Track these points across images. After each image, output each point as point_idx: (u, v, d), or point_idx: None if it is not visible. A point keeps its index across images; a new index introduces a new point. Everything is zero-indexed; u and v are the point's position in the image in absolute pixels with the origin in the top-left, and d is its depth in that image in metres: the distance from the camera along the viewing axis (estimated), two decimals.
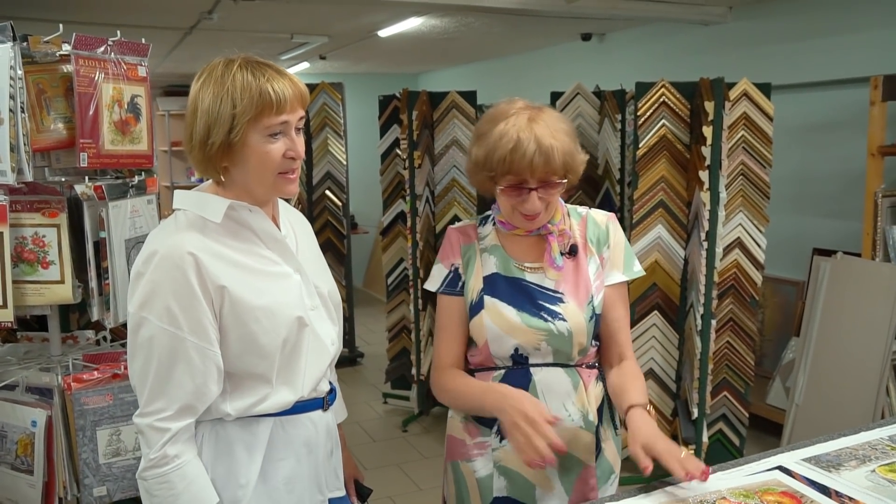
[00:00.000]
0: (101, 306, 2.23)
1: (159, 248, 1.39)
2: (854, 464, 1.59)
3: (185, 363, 1.38)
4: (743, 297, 3.60)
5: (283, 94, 1.38)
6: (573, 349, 1.66)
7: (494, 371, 1.70)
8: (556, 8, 4.20)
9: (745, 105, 3.47)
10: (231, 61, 1.41)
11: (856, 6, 3.91)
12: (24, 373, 2.25)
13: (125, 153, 2.27)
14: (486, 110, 1.72)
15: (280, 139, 1.41)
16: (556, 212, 1.70)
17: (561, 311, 1.65)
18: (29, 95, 2.07)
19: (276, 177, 1.44)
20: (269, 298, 1.45)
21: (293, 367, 1.49)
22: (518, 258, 1.71)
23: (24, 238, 2.14)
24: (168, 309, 1.36)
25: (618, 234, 1.74)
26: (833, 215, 4.19)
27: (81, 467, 2.17)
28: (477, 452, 1.73)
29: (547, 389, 1.66)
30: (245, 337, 1.43)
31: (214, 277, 1.39)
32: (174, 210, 1.48)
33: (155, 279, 1.37)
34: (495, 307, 1.67)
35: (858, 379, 3.34)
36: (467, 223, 1.82)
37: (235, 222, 1.47)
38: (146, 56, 2.35)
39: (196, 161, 1.44)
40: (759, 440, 4.00)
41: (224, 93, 1.37)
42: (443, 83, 7.81)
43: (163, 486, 1.39)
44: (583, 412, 1.68)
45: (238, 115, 1.36)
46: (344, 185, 5.62)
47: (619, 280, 1.73)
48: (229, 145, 1.39)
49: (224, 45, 5.81)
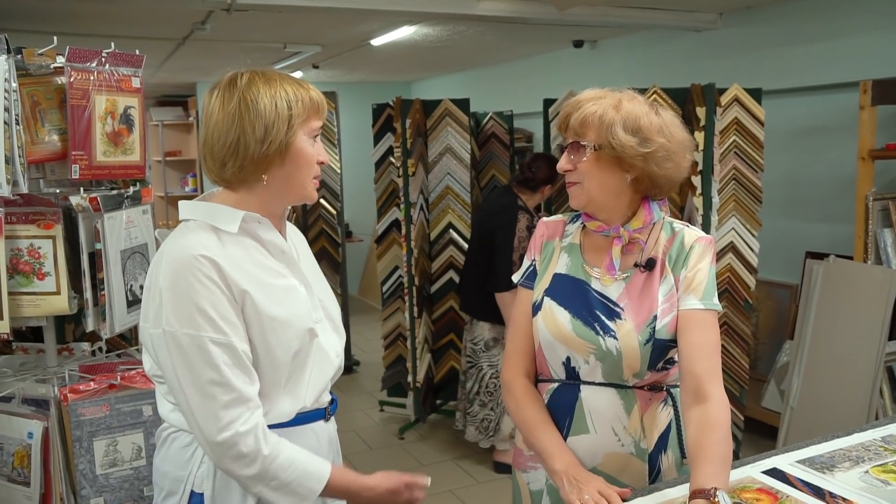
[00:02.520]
0: (96, 317, 2.23)
1: (176, 259, 1.37)
2: (848, 465, 1.60)
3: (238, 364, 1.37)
4: (737, 300, 3.62)
5: (322, 102, 1.49)
6: (625, 371, 1.56)
7: (549, 384, 1.66)
8: (548, 16, 4.22)
9: (737, 110, 3.50)
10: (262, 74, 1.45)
11: (845, 12, 3.94)
12: (21, 384, 2.25)
13: (117, 164, 2.28)
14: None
15: (315, 143, 1.48)
16: (637, 217, 1.60)
17: (614, 328, 1.56)
18: (23, 108, 2.08)
19: (311, 181, 1.49)
20: (283, 309, 1.44)
21: (298, 378, 1.49)
22: (590, 260, 1.64)
23: (20, 250, 2.15)
24: (207, 316, 1.35)
25: (703, 260, 1.58)
26: (825, 219, 4.21)
27: (78, 478, 2.17)
28: (531, 465, 1.71)
29: (594, 410, 1.59)
30: (262, 344, 1.42)
31: (236, 282, 1.38)
32: (182, 221, 1.47)
33: (179, 289, 1.35)
34: (551, 310, 1.61)
35: (852, 381, 3.36)
36: (558, 218, 1.75)
37: (246, 233, 1.46)
38: (140, 67, 2.36)
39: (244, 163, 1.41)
40: (754, 443, 4.01)
41: (278, 97, 1.41)
42: (436, 91, 7.84)
43: (276, 483, 1.39)
44: (635, 438, 1.59)
45: (294, 116, 1.42)
46: (338, 193, 5.63)
47: (694, 307, 1.55)
48: (287, 145, 1.42)
49: (217, 55, 5.85)
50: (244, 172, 1.43)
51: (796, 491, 1.48)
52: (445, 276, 4.42)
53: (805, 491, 1.49)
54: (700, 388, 1.49)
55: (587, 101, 1.56)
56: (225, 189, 1.49)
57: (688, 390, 1.51)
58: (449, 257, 4.39)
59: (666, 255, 1.60)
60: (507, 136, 4.70)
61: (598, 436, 1.60)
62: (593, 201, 1.59)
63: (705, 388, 1.48)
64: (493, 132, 4.66)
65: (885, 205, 3.40)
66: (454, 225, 4.36)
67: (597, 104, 1.54)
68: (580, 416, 1.60)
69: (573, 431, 1.61)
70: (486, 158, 4.68)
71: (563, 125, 1.60)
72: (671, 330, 1.56)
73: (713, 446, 1.43)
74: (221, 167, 1.43)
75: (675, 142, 1.56)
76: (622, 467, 1.60)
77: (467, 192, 4.31)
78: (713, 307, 1.55)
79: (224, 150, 1.41)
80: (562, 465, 1.53)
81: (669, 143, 1.54)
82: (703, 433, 1.45)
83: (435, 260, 4.45)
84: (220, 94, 1.43)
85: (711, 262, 1.60)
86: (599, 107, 1.54)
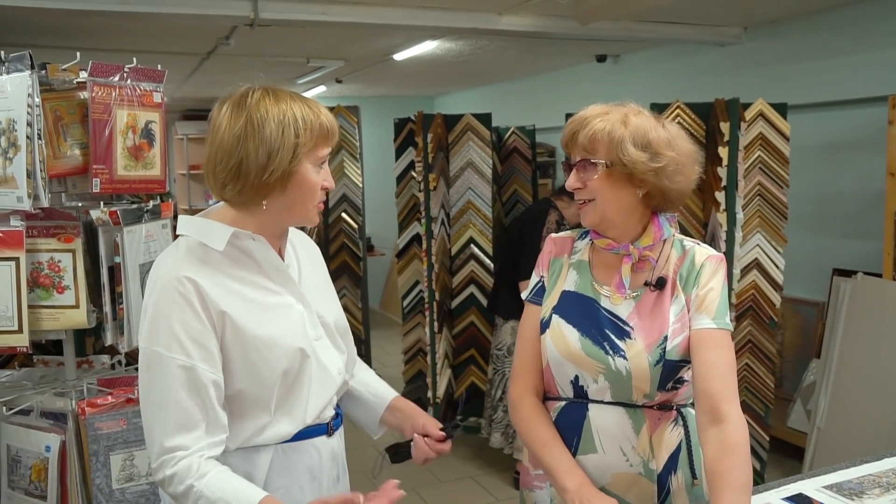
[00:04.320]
0: (115, 331, 2.23)
1: (160, 277, 1.39)
2: (878, 492, 1.55)
3: (197, 391, 1.36)
4: (762, 318, 3.55)
5: (333, 126, 1.45)
6: (634, 392, 1.54)
7: (557, 402, 1.63)
8: (570, 30, 4.21)
9: (761, 125, 3.45)
10: (273, 91, 1.41)
11: (871, 25, 3.89)
12: (39, 397, 2.25)
13: (138, 178, 2.28)
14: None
15: (321, 170, 1.45)
16: (647, 235, 1.58)
17: (624, 348, 1.53)
18: (46, 122, 2.09)
19: (313, 206, 1.47)
20: (269, 329, 1.43)
21: (294, 397, 1.47)
22: (599, 278, 1.62)
23: (40, 263, 2.15)
24: (176, 337, 1.35)
25: (715, 279, 1.55)
26: (852, 235, 4.13)
27: (95, 493, 2.16)
28: (537, 484, 1.69)
29: (602, 430, 1.57)
30: (244, 366, 1.41)
31: (215, 302, 1.38)
32: (177, 236, 1.48)
33: (158, 308, 1.37)
34: (559, 328, 1.59)
35: (881, 401, 3.28)
36: (567, 234, 1.74)
37: (238, 250, 1.46)
38: (161, 82, 2.37)
39: (244, 188, 1.40)
40: (780, 464, 3.94)
41: (286, 122, 1.38)
42: (458, 106, 7.84)
43: None
44: (643, 458, 1.56)
45: (300, 145, 1.38)
46: (360, 207, 5.62)
47: (706, 326, 1.52)
48: (290, 174, 1.40)
49: (241, 69, 5.91)
50: (244, 196, 1.42)
51: None
52: (466, 290, 4.38)
53: None
54: (716, 408, 1.45)
55: (594, 117, 1.54)
56: (225, 205, 1.48)
57: (704, 411, 1.47)
58: (470, 272, 4.37)
59: (677, 273, 1.58)
60: (529, 150, 4.68)
61: (606, 455, 1.57)
62: (606, 219, 1.57)
63: (722, 409, 1.44)
64: (515, 147, 4.64)
65: None
66: (475, 240, 4.33)
67: (604, 120, 1.52)
68: (588, 435, 1.58)
69: (581, 451, 1.59)
70: (508, 173, 4.66)
71: (570, 142, 1.58)
72: (682, 351, 1.53)
73: (733, 471, 1.39)
74: (222, 188, 1.42)
75: (684, 154, 1.55)
76: (630, 487, 1.57)
77: (489, 207, 4.29)
78: (725, 326, 1.53)
79: (225, 173, 1.40)
80: (573, 484, 1.50)
81: (679, 157, 1.53)
82: (723, 457, 1.41)
83: (456, 275, 4.43)
84: (228, 111, 1.41)
85: (723, 280, 1.57)
86: (607, 123, 1.52)
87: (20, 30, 4.12)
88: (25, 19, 3.80)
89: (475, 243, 4.34)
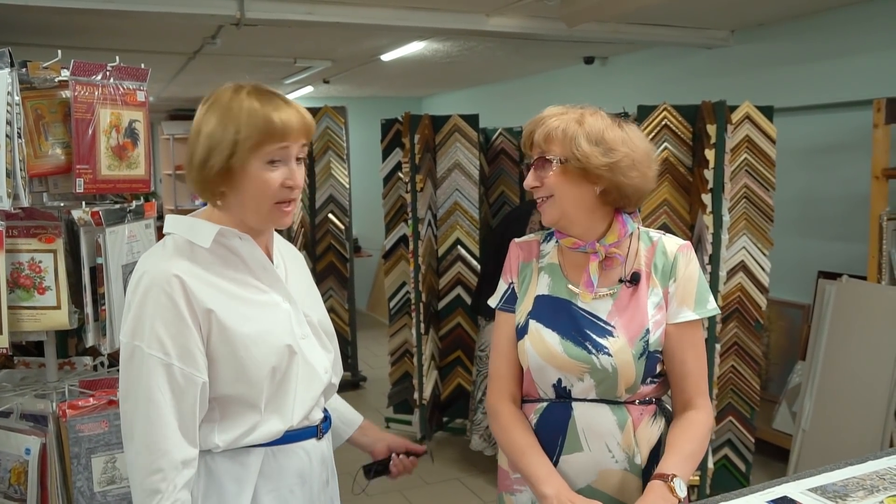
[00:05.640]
0: (97, 332, 2.21)
1: (146, 273, 1.38)
2: (861, 494, 1.55)
3: (174, 390, 1.35)
4: (747, 320, 3.56)
5: (286, 123, 1.38)
6: (619, 387, 1.56)
7: (538, 404, 1.63)
8: (558, 32, 4.21)
9: (748, 128, 3.46)
10: (240, 87, 1.41)
11: (857, 29, 3.91)
12: (20, 399, 2.22)
13: (122, 178, 2.26)
14: None
15: (279, 168, 1.40)
16: (611, 232, 1.60)
17: (607, 345, 1.55)
18: (27, 121, 2.07)
19: (272, 206, 1.42)
20: (256, 326, 1.43)
21: (282, 395, 1.46)
22: (573, 279, 1.62)
23: (21, 264, 2.13)
24: (156, 335, 1.34)
25: (689, 267, 1.60)
26: (838, 238, 4.16)
27: (76, 496, 2.13)
28: (517, 488, 1.69)
29: (587, 428, 1.58)
30: (233, 364, 1.40)
31: (201, 301, 1.37)
32: (164, 234, 1.47)
33: (143, 304, 1.36)
34: (539, 333, 1.60)
35: (866, 404, 3.29)
36: (531, 238, 1.73)
37: (226, 248, 1.45)
38: (145, 81, 2.34)
39: (194, 183, 1.43)
40: (765, 465, 3.95)
41: (229, 118, 1.37)
42: (445, 107, 7.83)
43: None
44: (628, 454, 1.57)
45: (240, 141, 1.36)
46: (347, 208, 5.62)
47: (689, 318, 1.58)
48: (228, 170, 1.38)
49: (228, 69, 5.89)
50: (199, 192, 1.44)
51: None
52: (453, 292, 4.38)
53: None
54: (689, 401, 1.60)
55: (550, 117, 1.58)
56: (209, 206, 1.50)
57: (678, 403, 1.62)
58: (457, 274, 4.36)
59: (650, 265, 1.61)
60: (516, 152, 4.67)
61: (593, 453, 1.58)
62: (566, 216, 1.58)
63: (694, 402, 1.60)
64: (502, 148, 4.64)
65: None
66: (462, 241, 4.33)
67: (559, 119, 1.56)
68: (573, 434, 1.58)
69: (566, 450, 1.59)
70: (496, 174, 4.66)
71: (528, 142, 1.61)
72: (663, 341, 1.59)
73: (686, 442, 1.54)
74: (188, 182, 1.44)
75: (640, 152, 1.57)
76: (617, 483, 1.58)
77: (476, 209, 4.28)
78: (709, 313, 1.60)
79: (186, 167, 1.44)
80: (552, 490, 1.50)
81: (633, 153, 1.55)
82: (682, 432, 1.57)
83: (443, 276, 4.42)
84: (200, 108, 1.43)
85: (697, 266, 1.62)
86: (562, 121, 1.55)
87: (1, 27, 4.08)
88: (7, 16, 3.76)
89: (462, 245, 4.34)
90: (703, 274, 3.28)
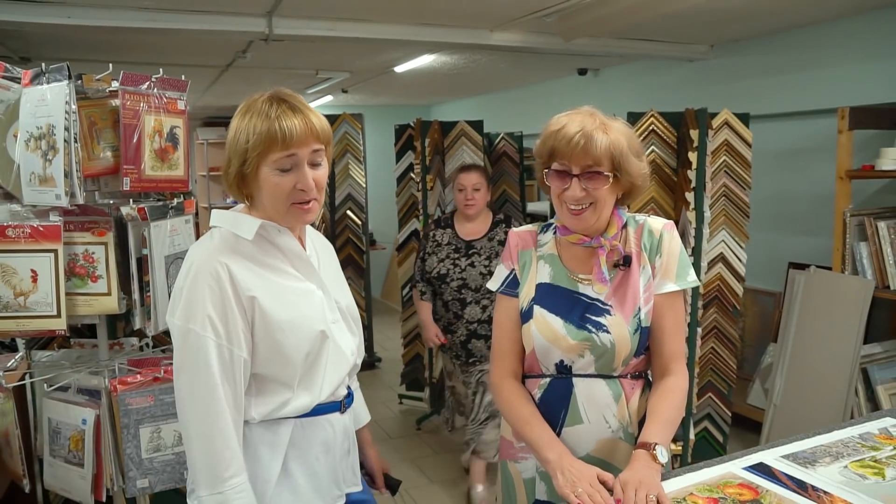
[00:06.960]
0: (143, 316, 2.23)
1: (196, 262, 1.39)
2: (828, 460, 1.57)
3: (227, 369, 1.37)
4: (726, 306, 3.57)
5: (290, 131, 1.35)
6: (616, 360, 1.55)
7: (541, 379, 1.63)
8: (555, 46, 4.21)
9: (727, 133, 3.45)
10: (261, 96, 1.41)
11: (824, 45, 3.90)
12: (76, 376, 2.25)
13: (163, 178, 2.27)
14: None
15: (291, 173, 1.39)
16: (612, 225, 1.57)
17: (606, 323, 1.54)
18: (82, 127, 2.08)
19: (290, 206, 1.42)
20: (294, 312, 1.43)
21: (313, 375, 1.47)
22: (573, 269, 1.61)
23: (76, 255, 2.15)
24: (208, 317, 1.35)
25: (672, 243, 1.58)
26: (806, 233, 4.16)
27: (126, 461, 2.16)
28: (522, 456, 1.68)
29: (588, 401, 1.57)
30: (271, 346, 1.41)
31: (245, 288, 1.38)
32: (211, 227, 1.48)
33: (193, 289, 1.37)
34: (543, 317, 1.58)
35: (830, 381, 3.30)
36: (528, 229, 1.69)
37: (266, 240, 1.46)
38: (185, 91, 2.36)
39: (225, 185, 1.46)
40: (741, 437, 3.96)
41: (242, 128, 1.38)
42: (453, 113, 7.83)
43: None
44: (623, 424, 1.58)
45: (249, 150, 1.37)
46: (363, 205, 5.62)
47: (671, 290, 1.57)
48: (243, 176, 1.40)
49: (256, 80, 5.90)
50: (230, 192, 1.46)
51: (776, 486, 1.45)
52: None
53: (789, 484, 1.45)
54: (666, 366, 1.58)
55: (594, 129, 1.48)
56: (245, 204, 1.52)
57: (657, 367, 1.60)
58: None
59: (640, 245, 1.59)
60: (517, 154, 4.67)
61: (592, 425, 1.58)
62: (600, 219, 1.56)
63: (671, 367, 1.58)
64: (504, 151, 4.64)
65: (861, 220, 3.36)
66: None
67: (596, 129, 1.48)
68: (574, 407, 1.58)
69: (568, 422, 1.59)
70: (498, 175, 4.66)
71: (569, 154, 1.49)
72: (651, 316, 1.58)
73: (667, 410, 1.53)
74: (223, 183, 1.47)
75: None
76: (612, 451, 1.59)
77: None
78: (688, 285, 1.58)
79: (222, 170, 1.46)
80: (555, 455, 1.50)
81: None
82: (661, 399, 1.55)
83: None
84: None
85: (679, 242, 1.60)
86: (600, 131, 1.48)
87: (58, 45, 4.11)
88: (63, 36, 3.78)
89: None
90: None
